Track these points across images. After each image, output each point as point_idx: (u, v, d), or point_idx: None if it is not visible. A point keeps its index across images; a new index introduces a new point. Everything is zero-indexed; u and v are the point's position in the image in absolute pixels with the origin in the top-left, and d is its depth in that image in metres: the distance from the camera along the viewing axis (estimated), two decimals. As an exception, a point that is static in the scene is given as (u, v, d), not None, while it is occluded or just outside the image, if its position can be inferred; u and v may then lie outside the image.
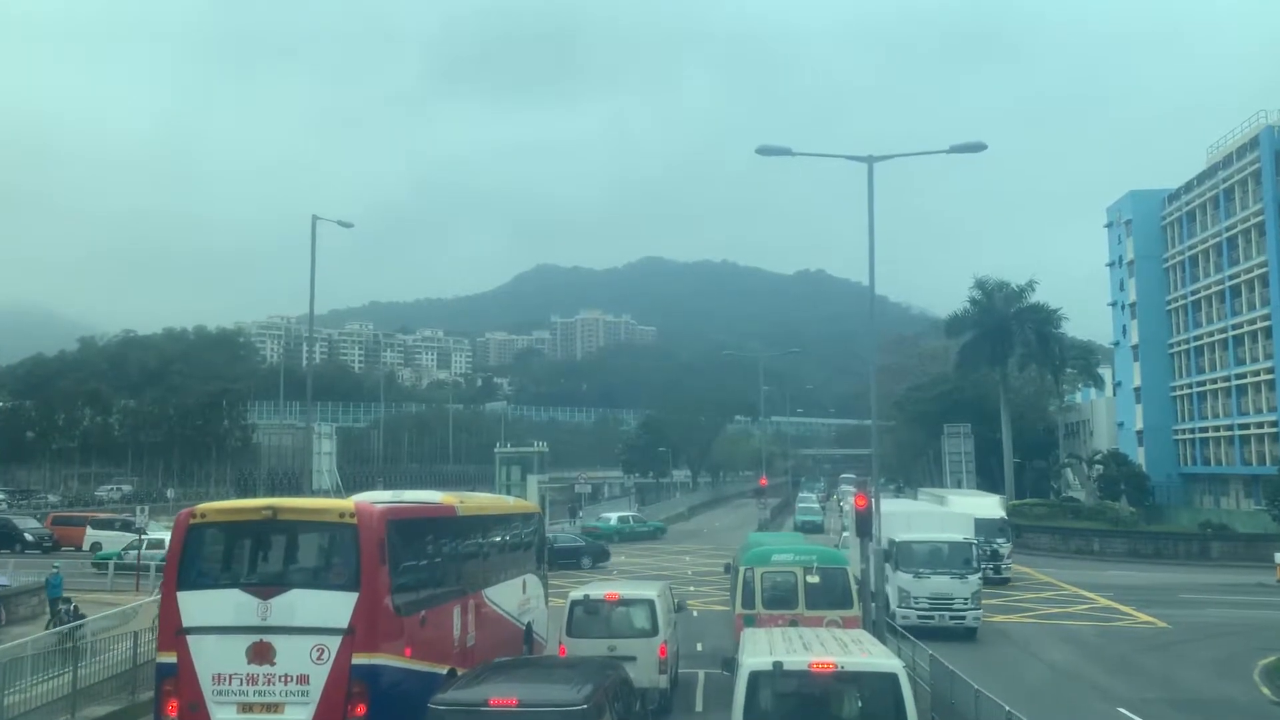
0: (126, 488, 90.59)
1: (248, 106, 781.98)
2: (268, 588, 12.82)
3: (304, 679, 12.49)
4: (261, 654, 12.50)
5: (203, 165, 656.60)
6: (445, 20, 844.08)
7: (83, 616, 23.52)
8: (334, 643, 12.52)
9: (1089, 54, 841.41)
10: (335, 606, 12.66)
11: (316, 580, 13.18)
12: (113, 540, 48.53)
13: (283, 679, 12.49)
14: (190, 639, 12.71)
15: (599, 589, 19.48)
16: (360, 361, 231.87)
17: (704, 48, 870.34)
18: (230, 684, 12.51)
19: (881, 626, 22.01)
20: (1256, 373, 67.40)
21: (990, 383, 77.91)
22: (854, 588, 20.42)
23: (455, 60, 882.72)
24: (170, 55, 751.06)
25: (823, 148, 26.46)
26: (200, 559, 13.36)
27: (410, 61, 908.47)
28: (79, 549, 49.60)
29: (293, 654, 12.52)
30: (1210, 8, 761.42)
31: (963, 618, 27.52)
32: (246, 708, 12.51)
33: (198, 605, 12.86)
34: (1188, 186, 77.05)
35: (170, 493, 77.33)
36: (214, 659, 12.59)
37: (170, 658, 12.77)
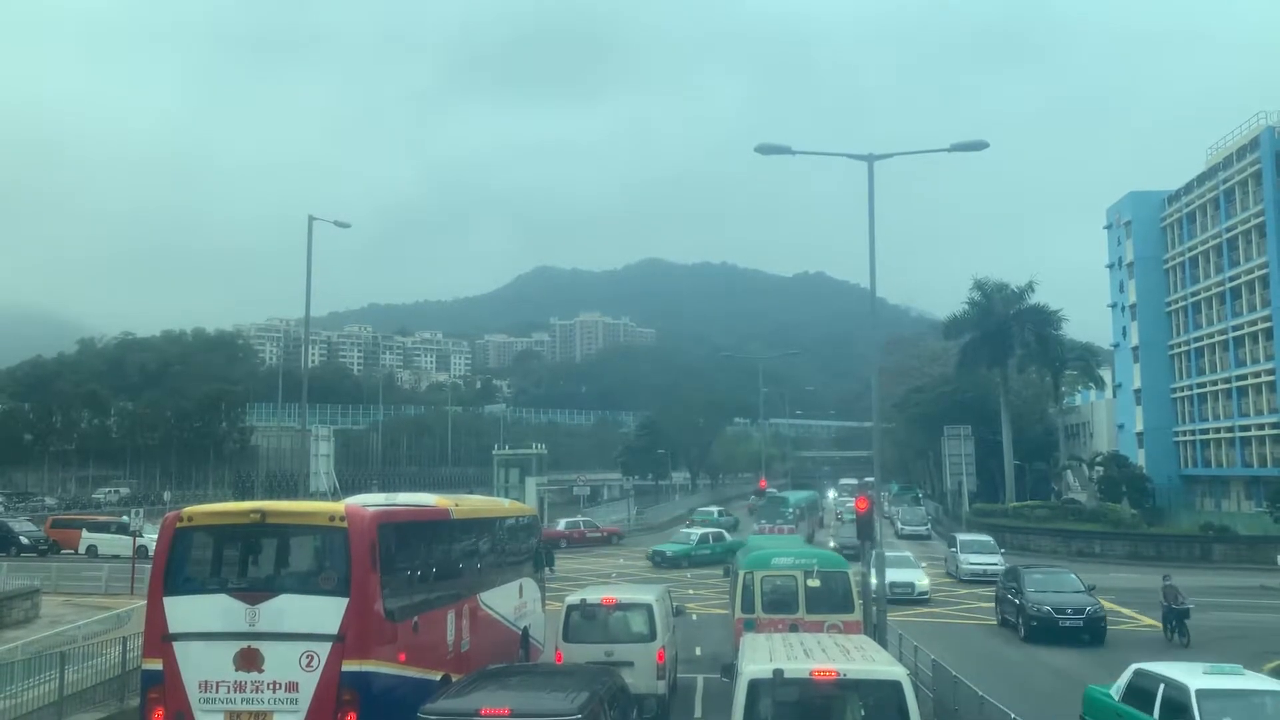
0: (124, 490, 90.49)
1: (257, 106, 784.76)
2: (256, 593, 12.53)
3: (293, 686, 12.20)
4: (249, 661, 12.21)
5: (208, 165, 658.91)
6: (454, 24, 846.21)
7: None
8: (324, 649, 12.23)
9: (1092, 56, 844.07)
10: (325, 612, 12.37)
11: (306, 585, 12.86)
12: (108, 543, 48.49)
13: (271, 686, 12.20)
14: (176, 645, 12.43)
15: (596, 593, 19.22)
16: (359, 364, 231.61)
17: (711, 50, 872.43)
18: (217, 691, 12.23)
19: (883, 630, 21.73)
20: (1257, 374, 67.19)
21: (990, 384, 77.73)
22: (855, 591, 20.19)
23: (463, 63, 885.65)
24: (177, 54, 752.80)
25: (832, 151, 26.01)
26: (187, 563, 13.07)
27: (421, 63, 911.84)
28: (76, 552, 49.52)
29: (281, 661, 12.23)
30: (1213, 11, 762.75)
31: None
32: (234, 716, 12.24)
33: (184, 611, 12.57)
34: (1188, 187, 76.86)
35: (167, 495, 76.99)
36: (201, 666, 12.30)
37: (156, 665, 12.49)
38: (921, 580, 35.99)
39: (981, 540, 44.92)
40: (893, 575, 32.43)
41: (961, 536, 46.37)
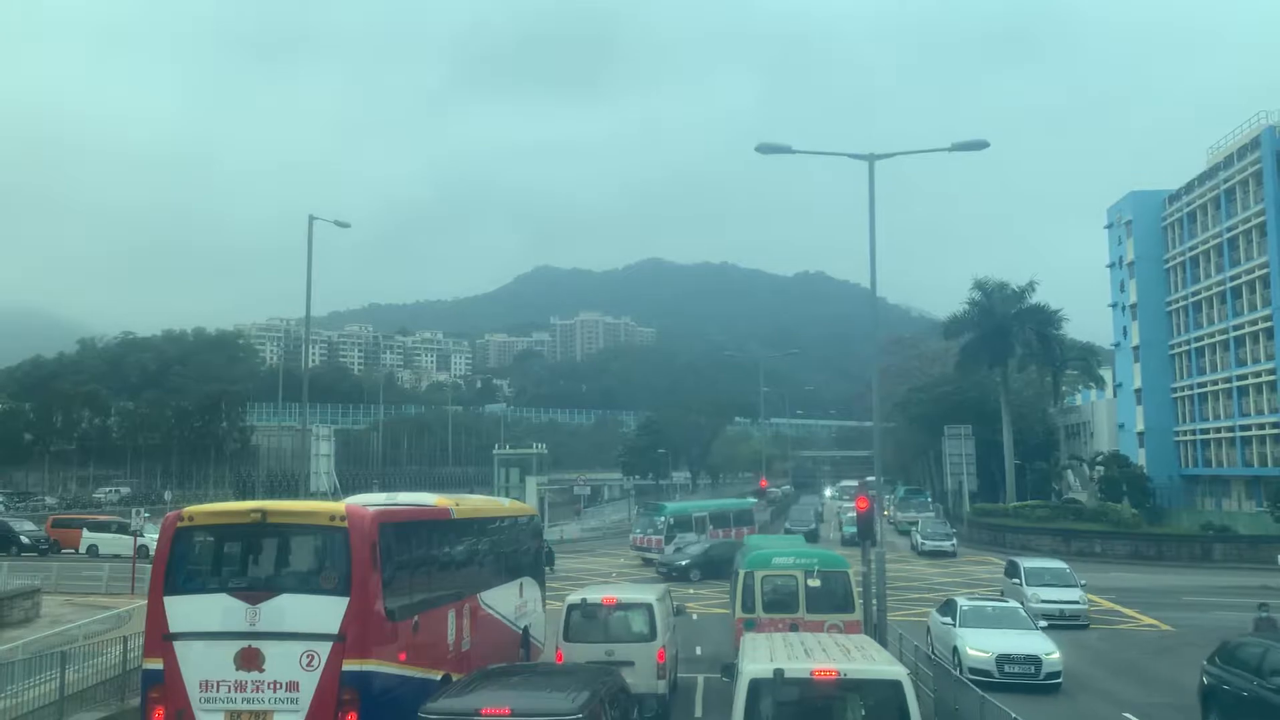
0: (125, 490, 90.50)
1: (259, 105, 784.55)
2: (257, 592, 12.54)
3: (294, 686, 12.20)
4: (250, 660, 12.22)
5: (210, 164, 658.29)
6: (455, 25, 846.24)
7: None
8: (324, 649, 12.24)
9: (1093, 56, 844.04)
10: (326, 612, 12.37)
11: (307, 585, 12.86)
12: (109, 543, 48.46)
13: (271, 686, 12.20)
14: (177, 645, 12.43)
15: (597, 593, 19.21)
16: (360, 363, 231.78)
17: (714, 51, 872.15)
18: (218, 691, 12.23)
19: (883, 630, 21.71)
20: (1258, 374, 67.14)
21: (991, 384, 77.72)
22: (855, 591, 20.19)
23: (465, 63, 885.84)
24: (179, 53, 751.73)
25: (832, 150, 25.96)
26: (188, 563, 13.08)
27: (424, 63, 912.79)
28: (77, 551, 49.49)
29: (282, 660, 12.23)
30: (1215, 11, 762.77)
31: None
32: (235, 715, 12.24)
33: (185, 610, 12.58)
34: (1188, 187, 76.81)
35: (168, 495, 77.00)
36: (201, 665, 12.31)
37: (156, 664, 12.49)
38: (1051, 652, 21.62)
39: (1055, 569, 32.77)
40: (1001, 642, 21.76)
41: (1026, 564, 33.52)
